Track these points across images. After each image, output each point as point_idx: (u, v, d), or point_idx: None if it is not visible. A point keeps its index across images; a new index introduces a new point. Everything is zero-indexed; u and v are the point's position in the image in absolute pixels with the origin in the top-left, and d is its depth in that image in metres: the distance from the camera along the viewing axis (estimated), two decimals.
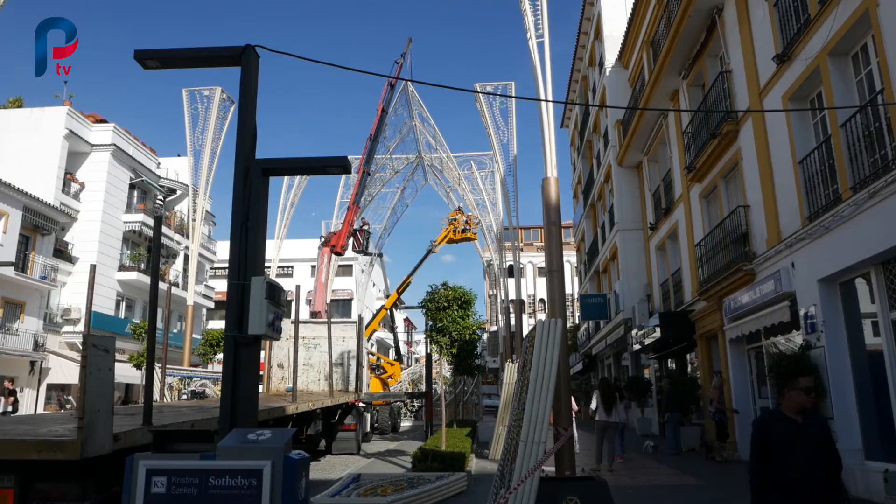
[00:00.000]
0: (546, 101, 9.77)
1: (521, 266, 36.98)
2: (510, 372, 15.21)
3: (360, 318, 20.21)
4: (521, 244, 47.33)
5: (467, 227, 34.46)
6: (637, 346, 22.56)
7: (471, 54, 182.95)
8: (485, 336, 54.51)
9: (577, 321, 42.09)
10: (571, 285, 48.30)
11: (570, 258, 44.40)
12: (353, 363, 18.79)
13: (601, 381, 15.20)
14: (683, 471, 12.82)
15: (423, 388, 26.98)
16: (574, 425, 13.38)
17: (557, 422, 7.99)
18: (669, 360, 22.16)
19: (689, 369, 20.09)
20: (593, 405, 13.59)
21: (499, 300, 38.51)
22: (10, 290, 26.42)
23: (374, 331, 33.66)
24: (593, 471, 12.01)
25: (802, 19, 11.50)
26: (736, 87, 14.71)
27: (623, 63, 25.04)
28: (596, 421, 13.36)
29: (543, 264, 10.55)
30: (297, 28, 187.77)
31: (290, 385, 14.56)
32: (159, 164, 38.39)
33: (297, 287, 15.84)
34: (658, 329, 19.16)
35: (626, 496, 9.91)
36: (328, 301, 26.80)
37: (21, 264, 27.07)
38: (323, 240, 29.23)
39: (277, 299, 5.50)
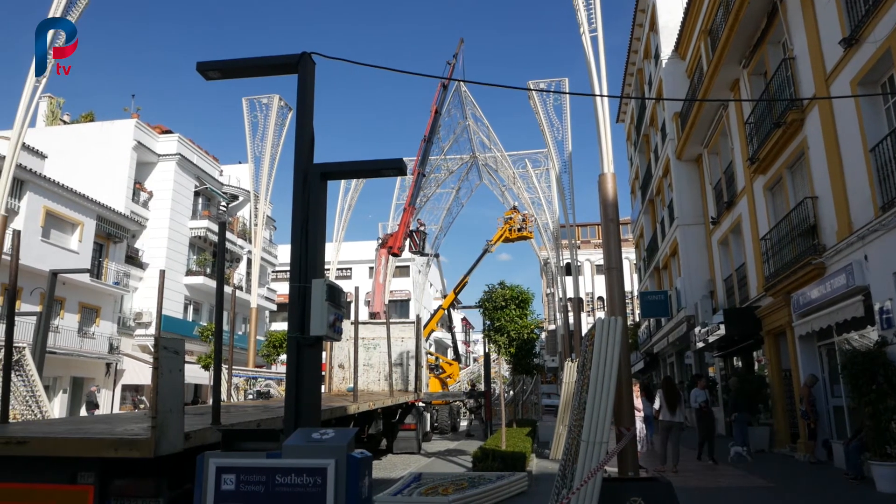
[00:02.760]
0: (601, 95, 9.65)
1: (579, 264, 36.55)
2: (569, 371, 15.06)
3: (419, 319, 20.35)
4: (579, 242, 46.74)
5: (523, 226, 34.28)
6: (700, 344, 21.98)
7: (523, 52, 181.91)
8: (543, 335, 54.10)
9: (637, 319, 41.32)
10: (630, 282, 47.43)
11: (628, 255, 43.65)
12: (412, 363, 18.94)
13: (664, 379, 14.86)
14: (752, 472, 12.42)
15: (482, 387, 26.99)
16: (638, 425, 13.15)
17: (619, 421, 7.87)
18: (735, 358, 21.52)
19: (755, 367, 19.46)
20: (657, 405, 13.32)
21: (556, 299, 38.20)
22: (86, 296, 27.75)
23: (433, 331, 33.83)
24: (657, 471, 11.77)
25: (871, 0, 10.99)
26: (800, 74, 14.16)
27: (680, 54, 24.44)
28: (660, 421, 13.09)
29: (601, 262, 10.42)
30: (348, 31, 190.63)
31: (352, 385, 14.79)
32: (222, 171, 39.62)
33: (356, 288, 16.09)
34: (722, 326, 18.62)
35: (692, 498, 9.67)
36: (386, 302, 27.12)
37: (96, 271, 28.40)
38: (380, 241, 29.61)
39: (337, 301, 5.59)
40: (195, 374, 26.28)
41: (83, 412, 25.87)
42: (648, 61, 29.49)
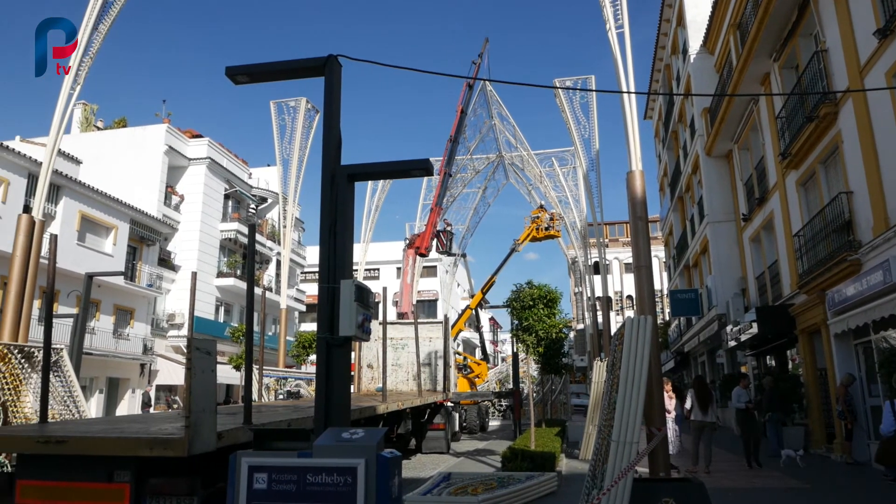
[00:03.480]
0: (628, 92, 9.56)
1: (607, 262, 36.23)
2: (599, 370, 14.95)
3: (446, 319, 20.36)
4: (607, 240, 46.34)
5: (550, 225, 34.04)
6: (732, 343, 21.66)
7: (549, 50, 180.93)
8: (571, 334, 53.79)
9: (667, 318, 40.85)
10: (660, 281, 46.95)
11: (657, 253, 43.13)
12: (441, 363, 18.96)
13: (696, 379, 14.65)
14: (787, 473, 12.19)
15: (510, 387, 26.89)
16: (670, 425, 12.93)
17: (650, 421, 7.79)
18: (768, 357, 21.15)
19: (790, 366, 19.11)
20: (688, 404, 13.14)
21: (585, 298, 37.94)
22: (121, 298, 28.30)
23: (460, 331, 33.82)
24: (690, 472, 11.63)
25: None
26: (833, 67, 13.87)
27: (708, 49, 24.10)
28: (691, 421, 12.92)
29: (630, 260, 10.33)
30: (374, 32, 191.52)
31: (380, 385, 14.87)
32: (251, 174, 40.11)
33: (384, 289, 16.14)
34: (755, 325, 18.32)
35: (725, 499, 9.53)
36: (414, 302, 27.18)
37: (130, 273, 28.95)
38: (407, 242, 29.67)
39: (366, 301, 5.62)
40: (227, 374, 26.70)
41: (139, 409, 27.26)
42: (676, 57, 29.14)
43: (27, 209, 21.07)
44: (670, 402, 14.07)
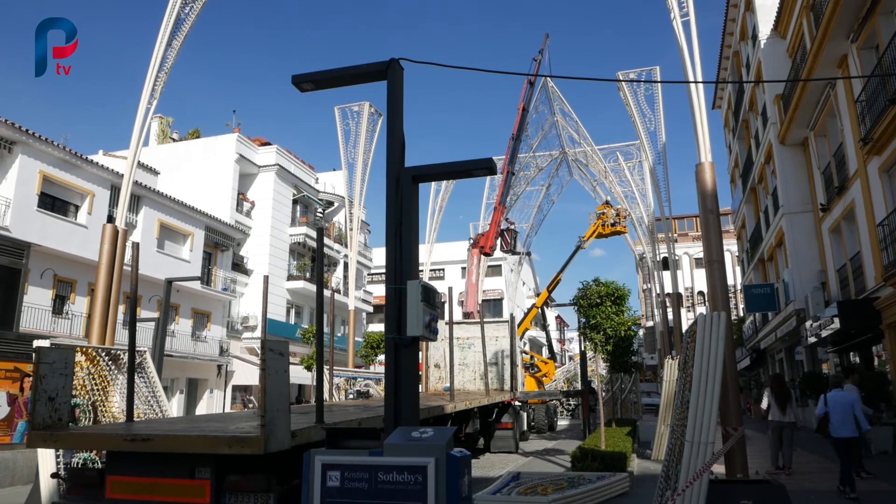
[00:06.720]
0: (696, 82, 9.32)
1: (677, 258, 35.35)
2: (670, 369, 14.59)
3: (513, 318, 20.28)
4: (675, 235, 45.17)
5: (617, 221, 33.45)
6: (812, 339, 20.73)
7: (611, 43, 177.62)
8: (641, 332, 52.71)
9: (741, 314, 39.46)
10: (733, 276, 45.38)
11: (730, 247, 41.76)
12: (507, 362, 18.90)
13: (774, 377, 14.10)
14: (874, 475, 11.56)
15: (578, 386, 26.54)
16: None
17: (726, 421, 7.57)
18: (851, 354, 20.15)
19: (875, 363, 18.16)
20: (765, 404, 12.65)
21: (654, 294, 37.13)
22: (198, 302, 29.46)
23: (527, 329, 33.59)
24: (770, 474, 11.21)
25: None
26: None
27: (780, 33, 23.16)
28: (769, 421, 12.44)
29: (701, 255, 10.05)
30: (434, 33, 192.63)
31: (448, 384, 14.95)
32: (317, 179, 41.04)
33: (450, 289, 16.21)
34: (836, 320, 17.48)
35: (808, 503, 9.13)
36: (480, 301, 27.20)
37: (206, 278, 30.10)
38: (472, 242, 29.71)
39: (432, 301, 5.66)
40: (298, 374, 27.37)
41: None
42: (745, 43, 28.13)
43: (111, 219, 22.21)
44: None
